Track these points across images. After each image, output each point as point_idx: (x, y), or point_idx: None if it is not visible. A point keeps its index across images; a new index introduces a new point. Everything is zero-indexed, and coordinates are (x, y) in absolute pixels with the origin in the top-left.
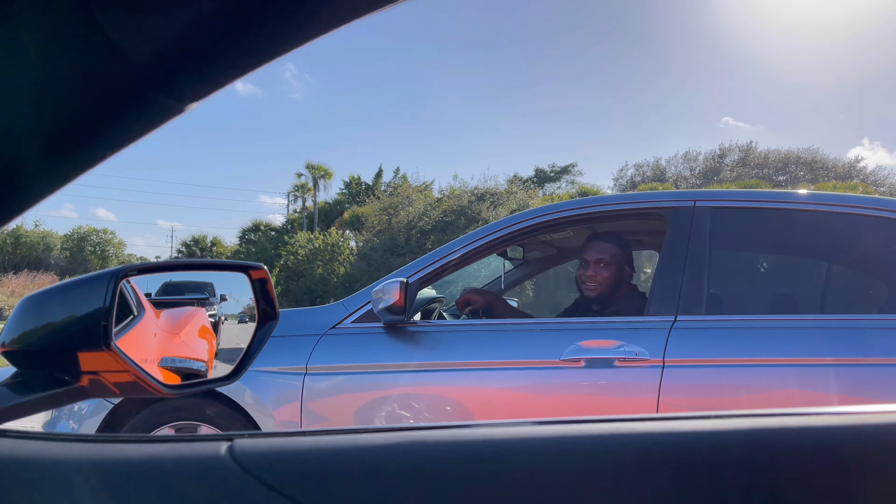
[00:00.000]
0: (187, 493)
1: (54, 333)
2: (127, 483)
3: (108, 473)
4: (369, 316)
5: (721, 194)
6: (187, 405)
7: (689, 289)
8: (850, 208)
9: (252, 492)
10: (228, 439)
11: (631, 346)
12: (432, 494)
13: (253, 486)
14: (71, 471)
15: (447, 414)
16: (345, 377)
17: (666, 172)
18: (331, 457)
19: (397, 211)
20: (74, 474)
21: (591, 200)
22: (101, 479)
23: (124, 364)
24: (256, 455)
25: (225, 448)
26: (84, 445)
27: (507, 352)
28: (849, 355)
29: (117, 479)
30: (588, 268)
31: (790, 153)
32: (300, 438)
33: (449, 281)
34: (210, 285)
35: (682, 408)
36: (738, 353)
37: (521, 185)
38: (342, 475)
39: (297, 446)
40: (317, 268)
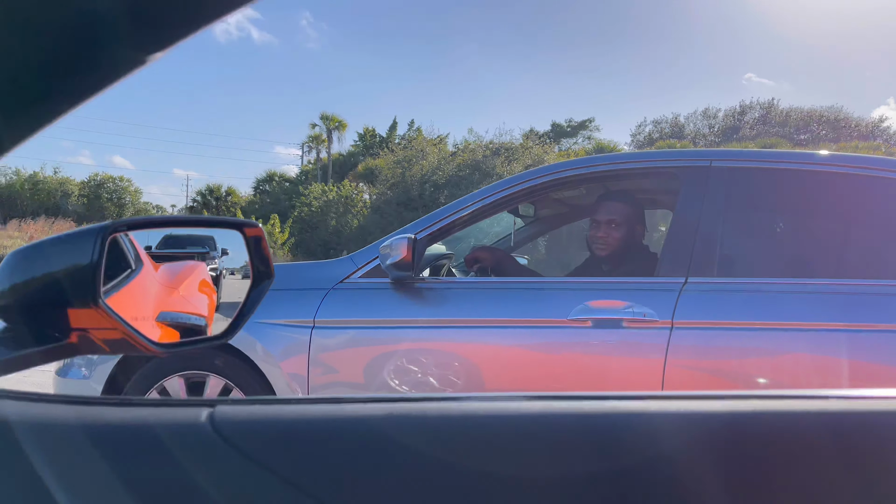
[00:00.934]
0: (163, 459)
1: (43, 289)
2: (104, 446)
3: (88, 437)
4: (377, 271)
5: (738, 154)
6: (196, 356)
7: (701, 250)
8: (871, 170)
9: (230, 461)
10: (211, 405)
11: (640, 306)
12: (418, 467)
13: (231, 455)
14: (48, 432)
15: (454, 369)
16: (352, 331)
17: (684, 129)
18: (314, 426)
19: (411, 164)
20: (52, 435)
21: (604, 158)
22: (78, 441)
23: (113, 322)
24: (237, 423)
25: (205, 415)
26: (66, 407)
27: (514, 310)
28: (863, 321)
29: (94, 442)
30: (599, 228)
31: (813, 111)
32: (284, 407)
33: (459, 237)
34: (211, 239)
35: (689, 370)
36: (749, 317)
37: (536, 140)
38: (325, 445)
39: (280, 415)
40: (330, 220)
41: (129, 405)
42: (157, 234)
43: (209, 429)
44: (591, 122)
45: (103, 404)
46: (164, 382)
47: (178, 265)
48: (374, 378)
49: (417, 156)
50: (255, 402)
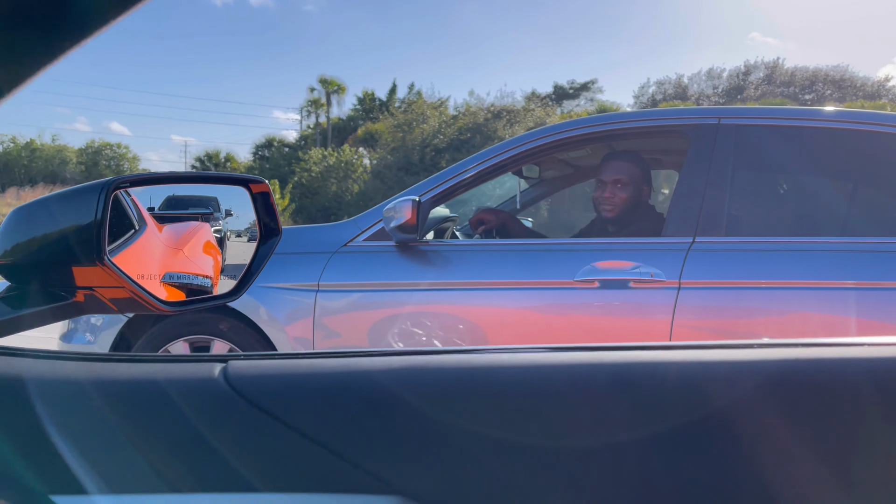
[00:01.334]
0: (178, 413)
1: (47, 247)
2: (118, 402)
3: (98, 392)
4: (381, 234)
5: (747, 111)
6: (200, 319)
7: (709, 209)
8: (879, 126)
9: (245, 414)
10: (223, 361)
11: (646, 267)
12: (432, 419)
13: (246, 409)
14: (62, 389)
15: (459, 332)
16: (356, 294)
17: (688, 90)
18: (327, 381)
19: (411, 128)
20: (65, 392)
21: (610, 117)
22: (92, 398)
23: (120, 280)
24: (250, 378)
25: (219, 370)
26: (75, 364)
27: (520, 271)
28: (869, 279)
29: (108, 398)
30: (605, 189)
31: (818, 71)
32: (296, 361)
33: (462, 200)
34: (214, 200)
35: (696, 329)
36: (757, 276)
37: (538, 103)
38: (339, 400)
39: (293, 370)
40: (331, 185)
41: (141, 361)
42: (160, 194)
43: (223, 383)
44: (594, 84)
45: (115, 360)
46: (169, 347)
47: (182, 226)
48: (379, 341)
49: (418, 119)
50: (267, 356)
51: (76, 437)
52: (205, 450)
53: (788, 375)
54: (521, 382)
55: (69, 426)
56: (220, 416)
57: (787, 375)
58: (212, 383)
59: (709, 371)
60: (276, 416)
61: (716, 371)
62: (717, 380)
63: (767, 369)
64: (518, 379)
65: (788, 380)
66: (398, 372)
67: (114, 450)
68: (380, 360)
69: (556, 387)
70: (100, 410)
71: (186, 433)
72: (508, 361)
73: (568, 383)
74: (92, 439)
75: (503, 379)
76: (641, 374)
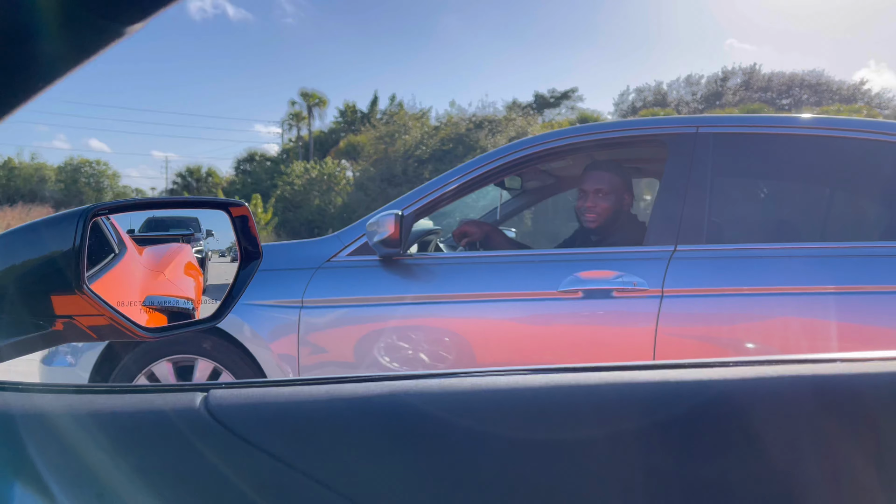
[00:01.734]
0: (158, 446)
1: (24, 276)
2: (96, 435)
3: (76, 425)
4: (365, 248)
5: (724, 120)
6: (184, 339)
7: (689, 217)
8: (854, 132)
9: (227, 446)
10: (204, 390)
11: (629, 276)
12: (419, 446)
13: (228, 440)
14: (38, 422)
15: (445, 345)
16: (341, 310)
17: (667, 97)
18: (312, 408)
19: (394, 140)
20: (42, 425)
21: (590, 127)
22: (69, 431)
23: (99, 308)
24: (232, 407)
25: (200, 399)
26: (53, 397)
27: (504, 283)
28: (849, 283)
29: (86, 431)
30: (587, 198)
31: (794, 76)
32: (279, 389)
33: (446, 212)
34: (195, 220)
35: (680, 338)
36: (738, 283)
37: (520, 112)
38: (322, 427)
39: (276, 398)
40: (314, 198)
41: (120, 392)
42: (140, 217)
43: (205, 413)
44: (575, 92)
45: (93, 392)
46: (153, 367)
47: (162, 248)
48: (364, 356)
49: (400, 131)
50: (249, 384)
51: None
52: (187, 483)
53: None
54: (511, 405)
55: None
56: (202, 447)
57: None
58: (193, 414)
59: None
60: (259, 446)
61: (712, 389)
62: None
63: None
64: (508, 402)
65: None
66: (382, 398)
67: (92, 486)
68: (363, 385)
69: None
70: (78, 445)
71: (168, 466)
72: (496, 384)
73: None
74: (69, 475)
75: (491, 403)
76: (664, 394)
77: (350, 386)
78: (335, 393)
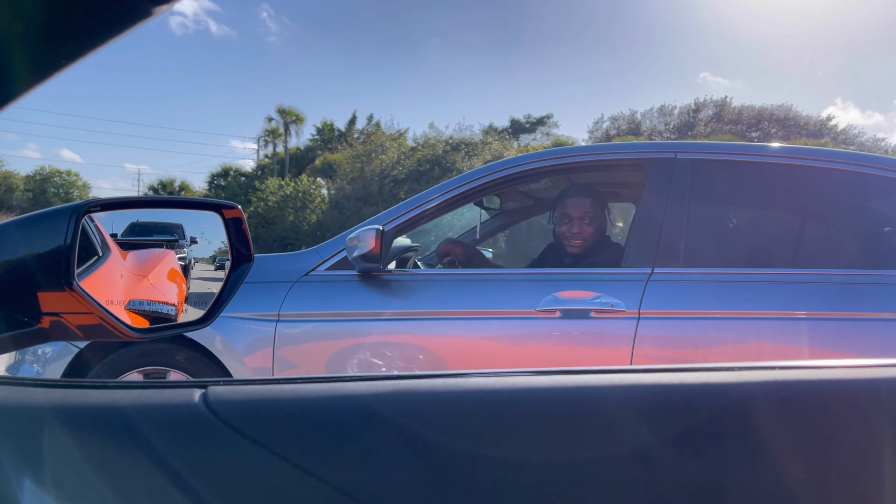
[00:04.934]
0: (157, 441)
1: (12, 272)
2: (92, 430)
3: (71, 420)
4: (343, 263)
5: (702, 146)
6: (155, 350)
7: (666, 241)
8: (828, 163)
9: (228, 441)
10: (202, 386)
11: (607, 297)
12: (421, 444)
13: (228, 435)
14: (33, 417)
15: (420, 363)
16: (318, 324)
17: (641, 126)
18: (311, 406)
19: (370, 159)
20: (37, 420)
21: (571, 150)
22: (65, 426)
23: (88, 305)
24: (232, 403)
25: (198, 395)
26: (46, 391)
27: (483, 301)
28: (821, 309)
29: (82, 426)
30: (573, 225)
31: (764, 109)
32: (279, 386)
33: (424, 230)
34: (180, 227)
35: (655, 359)
36: (713, 306)
37: (496, 136)
38: (323, 425)
39: (276, 394)
40: (288, 215)
41: (117, 388)
42: (123, 221)
43: (204, 409)
44: (550, 119)
45: (88, 387)
46: (122, 378)
47: (146, 253)
48: (339, 372)
49: (377, 150)
50: (249, 381)
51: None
52: (187, 479)
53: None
54: (511, 405)
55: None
56: (202, 443)
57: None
58: (193, 409)
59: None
60: (259, 442)
61: (688, 393)
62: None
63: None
64: (512, 402)
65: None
66: (385, 396)
67: (88, 481)
68: (366, 384)
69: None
70: (74, 440)
71: (167, 461)
72: (501, 385)
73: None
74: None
75: (492, 402)
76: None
77: (352, 384)
78: (337, 391)
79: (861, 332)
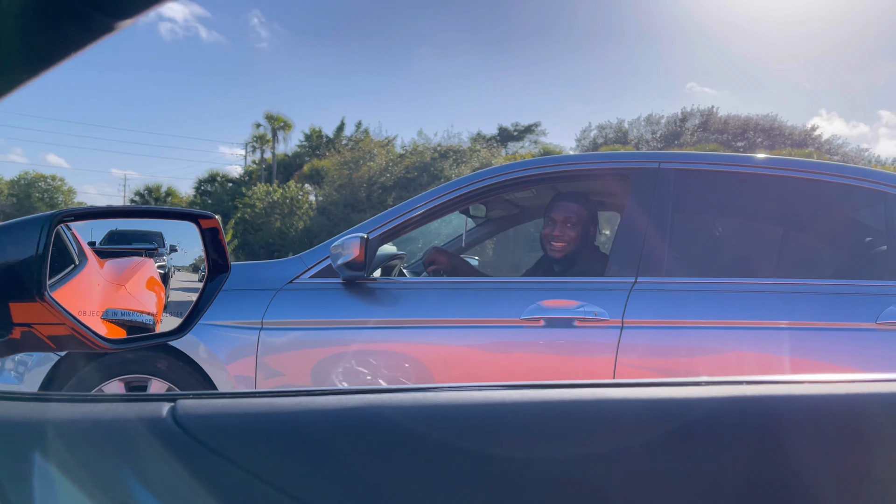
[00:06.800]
0: (124, 457)
1: None
2: (59, 444)
3: (36, 434)
4: (328, 271)
5: (686, 156)
6: (137, 358)
7: (650, 250)
8: (811, 174)
9: (196, 457)
10: (171, 400)
11: (591, 306)
12: (392, 460)
13: (197, 451)
14: None
15: (405, 371)
16: (302, 332)
17: (628, 134)
18: (282, 420)
19: (358, 166)
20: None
21: (556, 159)
22: (30, 440)
23: (60, 316)
24: (201, 418)
25: (167, 409)
26: (12, 404)
27: (467, 310)
28: (803, 319)
29: (48, 440)
30: (555, 227)
31: (749, 119)
32: (250, 400)
33: (410, 238)
34: (159, 235)
35: (638, 369)
36: (696, 316)
37: (484, 144)
38: (293, 440)
39: (247, 409)
40: (275, 221)
41: (83, 401)
42: (102, 229)
43: (172, 423)
44: (538, 127)
45: (53, 401)
46: (104, 387)
47: (124, 261)
48: (324, 380)
49: (365, 157)
50: (218, 395)
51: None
52: (153, 493)
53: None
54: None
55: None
56: (170, 458)
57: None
58: (160, 423)
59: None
60: (229, 458)
61: (669, 407)
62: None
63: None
64: (476, 416)
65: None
66: (355, 411)
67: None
68: (336, 398)
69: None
70: (40, 454)
71: (133, 477)
72: (468, 399)
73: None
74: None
75: (463, 417)
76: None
77: (322, 398)
78: (307, 405)
79: (842, 342)
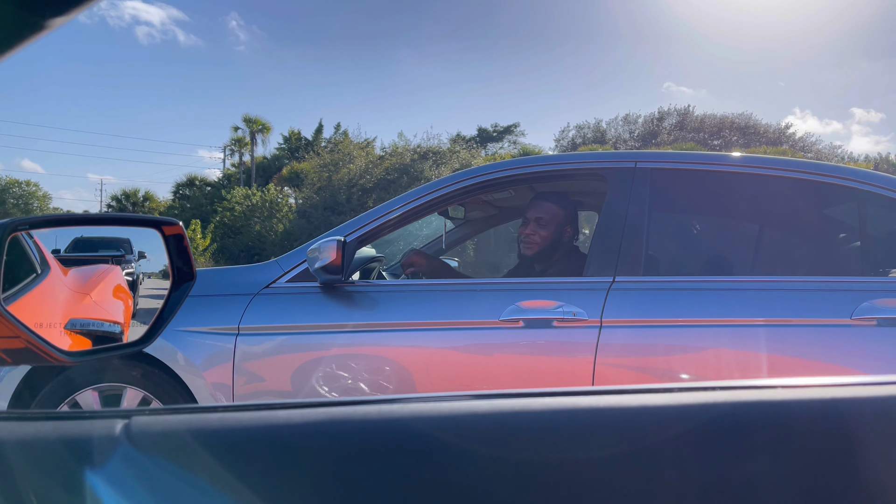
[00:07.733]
0: (74, 478)
1: None
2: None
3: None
4: (305, 275)
5: (661, 155)
6: (111, 367)
7: (627, 250)
8: (786, 171)
9: (151, 476)
10: (126, 417)
11: (570, 306)
12: (353, 476)
13: (152, 470)
14: None
15: (385, 374)
16: (279, 338)
17: (606, 134)
18: (241, 436)
19: (338, 168)
20: None
21: (532, 160)
22: None
23: (14, 329)
24: (156, 435)
25: (120, 427)
26: None
27: (446, 312)
28: (779, 316)
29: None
30: (527, 226)
31: (725, 118)
32: (206, 415)
33: (389, 240)
34: (127, 241)
35: (617, 368)
36: (674, 314)
37: (463, 145)
38: (253, 457)
39: (203, 425)
40: (254, 225)
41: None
42: (67, 236)
43: (125, 443)
44: (517, 128)
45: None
46: (76, 397)
47: (89, 269)
48: (302, 385)
49: (344, 159)
50: (175, 410)
51: None
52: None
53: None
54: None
55: None
56: (123, 480)
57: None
58: (112, 443)
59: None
60: (185, 478)
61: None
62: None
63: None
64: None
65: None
66: (318, 425)
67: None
68: (298, 412)
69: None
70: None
71: (85, 497)
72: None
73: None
74: None
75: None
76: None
77: (284, 412)
78: (267, 420)
79: (818, 338)
